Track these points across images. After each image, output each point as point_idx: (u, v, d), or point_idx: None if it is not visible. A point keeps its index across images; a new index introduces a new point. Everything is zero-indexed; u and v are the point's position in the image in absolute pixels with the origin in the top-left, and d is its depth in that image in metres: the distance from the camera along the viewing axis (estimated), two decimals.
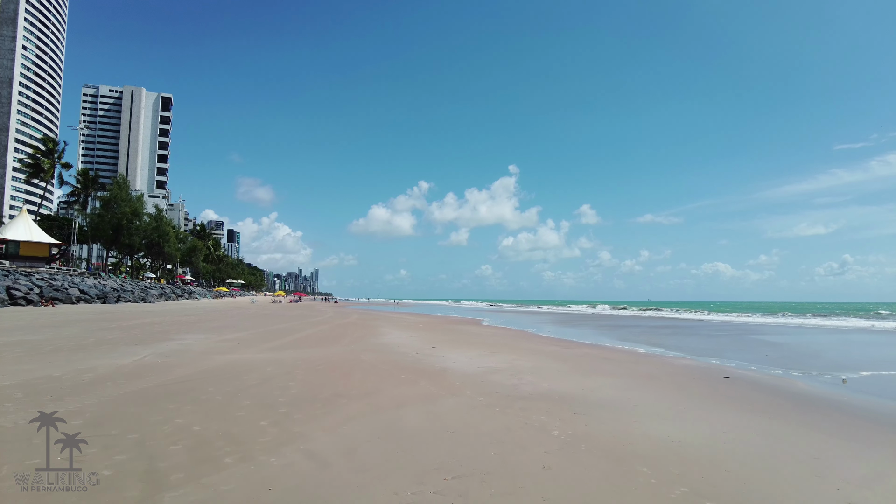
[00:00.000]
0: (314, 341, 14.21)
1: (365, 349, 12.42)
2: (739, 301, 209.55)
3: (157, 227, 59.10)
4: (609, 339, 19.91)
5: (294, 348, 12.14)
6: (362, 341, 14.64)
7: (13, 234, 38.72)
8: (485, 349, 13.33)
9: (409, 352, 12.08)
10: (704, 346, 17.53)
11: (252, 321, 22.83)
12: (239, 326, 19.03)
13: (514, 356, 11.82)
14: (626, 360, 11.98)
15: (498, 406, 6.20)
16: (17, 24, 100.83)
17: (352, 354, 11.20)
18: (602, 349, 14.98)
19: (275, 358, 10.11)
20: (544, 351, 13.53)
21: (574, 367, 10.26)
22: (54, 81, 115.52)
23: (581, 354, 13.04)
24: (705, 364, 11.90)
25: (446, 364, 9.97)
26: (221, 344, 12.57)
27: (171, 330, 16.07)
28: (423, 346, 13.51)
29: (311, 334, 16.68)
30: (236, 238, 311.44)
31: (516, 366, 10.07)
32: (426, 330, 21.21)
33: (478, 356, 11.58)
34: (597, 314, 54.67)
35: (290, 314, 33.31)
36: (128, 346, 11.13)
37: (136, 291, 47.50)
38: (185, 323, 19.59)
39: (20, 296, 28.72)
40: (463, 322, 30.74)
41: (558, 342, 17.02)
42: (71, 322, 18.37)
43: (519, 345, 15.18)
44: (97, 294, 37.66)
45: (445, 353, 11.88)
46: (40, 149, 45.77)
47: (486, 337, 18.33)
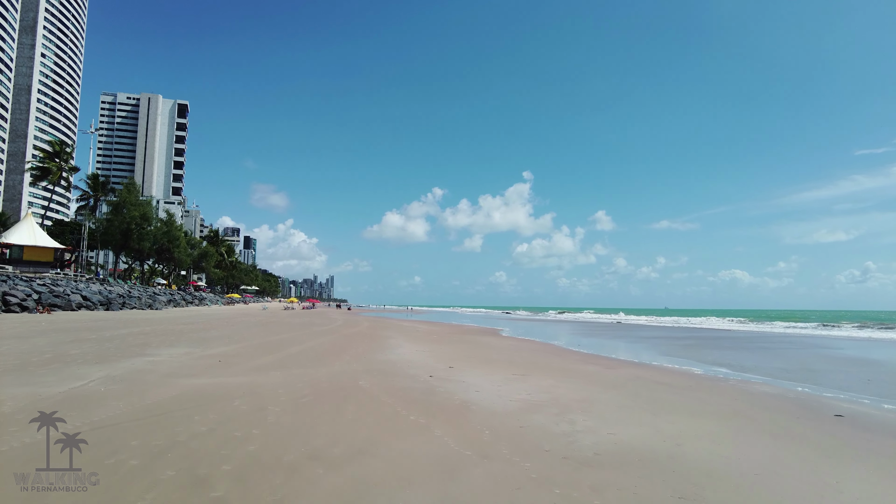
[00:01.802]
0: (311, 357, 12.16)
1: (368, 369, 10.31)
2: (759, 309, 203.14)
3: (166, 232, 58.05)
4: (649, 353, 17.51)
5: (283, 368, 10.09)
6: (366, 357, 12.55)
7: (17, 238, 37.70)
8: (511, 370, 11.12)
9: (420, 374, 9.94)
10: (770, 364, 14.96)
11: (251, 331, 20.93)
12: (234, 337, 17.11)
13: (551, 381, 9.59)
14: (690, 386, 9.67)
15: (557, 483, 4.01)
16: (37, 32, 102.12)
17: (350, 377, 9.10)
18: (650, 369, 12.64)
19: (253, 383, 8.06)
20: (583, 372, 11.27)
21: (633, 399, 8.01)
22: (72, 89, 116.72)
23: (629, 377, 10.75)
24: (792, 393, 9.51)
25: (468, 395, 7.80)
26: (199, 361, 10.59)
27: (152, 342, 14.19)
28: (437, 365, 11.36)
29: (311, 347, 14.66)
30: (252, 245, 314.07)
31: (558, 397, 7.86)
32: (441, 342, 19.05)
33: (505, 381, 9.39)
34: (618, 323, 51.91)
35: (297, 322, 31.46)
36: (82, 366, 9.19)
37: (144, 298, 46.25)
38: (175, 333, 17.75)
39: (15, 302, 27.34)
40: (480, 332, 28.51)
41: (594, 359, 14.71)
42: (52, 331, 16.67)
43: (550, 363, 12.92)
44: (100, 301, 36.33)
45: (465, 377, 9.71)
46: (47, 151, 44.91)
47: (508, 351, 16.11)
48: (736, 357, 16.82)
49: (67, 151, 45.83)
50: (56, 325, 19.17)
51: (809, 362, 15.83)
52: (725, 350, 20.03)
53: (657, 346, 21.13)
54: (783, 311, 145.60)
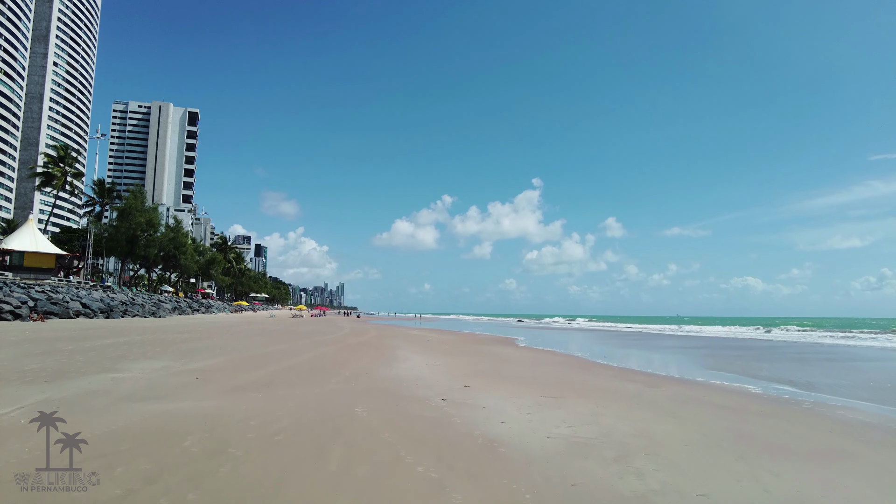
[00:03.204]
0: (304, 373, 10.53)
1: (368, 389, 8.65)
2: (774, 316, 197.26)
3: (173, 239, 57.09)
4: (688, 367, 15.63)
5: (268, 387, 8.47)
6: (369, 372, 10.89)
7: (18, 244, 36.73)
8: (539, 389, 9.39)
9: (431, 395, 8.25)
10: (835, 380, 12.93)
11: (248, 340, 19.41)
12: (226, 348, 15.58)
13: (591, 405, 7.85)
14: (762, 412, 7.86)
15: None
16: (49, 40, 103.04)
17: (346, 400, 7.45)
18: (700, 387, 10.82)
19: (222, 410, 6.45)
20: (624, 393, 9.49)
21: (701, 432, 6.25)
22: (84, 97, 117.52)
23: (681, 399, 8.97)
24: (892, 422, 7.67)
25: (492, 427, 6.10)
26: (173, 379, 9.03)
27: (132, 354, 12.68)
28: (451, 383, 9.66)
29: (308, 360, 13.05)
30: (263, 253, 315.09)
31: (608, 431, 6.13)
32: (453, 353, 17.34)
33: (536, 406, 7.67)
34: (637, 332, 49.72)
35: (301, 330, 29.95)
36: (25, 386, 7.66)
37: (148, 305, 45.13)
38: (164, 343, 16.26)
39: (8, 310, 26.18)
40: (493, 341, 26.71)
41: (628, 375, 12.91)
42: (29, 340, 15.31)
43: (582, 381, 11.15)
44: (100, 308, 35.16)
45: (486, 399, 8.00)
46: (52, 156, 44.15)
47: (529, 365, 14.36)
48: (790, 371, 14.84)
49: (72, 156, 45.04)
50: (40, 335, 17.82)
51: (877, 377, 13.84)
52: (774, 363, 18.01)
53: (692, 358, 19.21)
54: (799, 318, 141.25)
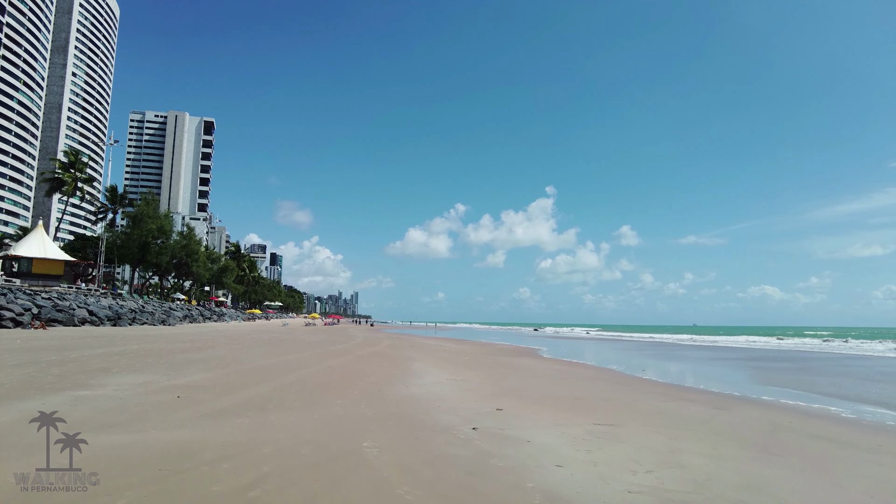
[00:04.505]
0: (306, 391, 9.02)
1: (380, 415, 7.10)
2: (794, 326, 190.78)
3: (185, 246, 56.47)
4: (743, 382, 13.75)
5: (259, 410, 6.98)
6: (381, 391, 9.34)
7: (26, 250, 36.12)
8: (587, 414, 7.74)
9: (458, 422, 6.66)
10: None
11: (253, 351, 18.01)
12: (225, 359, 14.18)
13: (660, 436, 6.18)
14: (878, 448, 6.12)
15: None
16: (68, 51, 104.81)
17: (351, 431, 5.91)
18: (780, 411, 9.03)
19: (192, 447, 4.94)
20: (692, 418, 7.78)
21: (830, 483, 4.56)
22: (102, 107, 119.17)
23: (767, 427, 7.24)
24: None
25: (548, 476, 4.48)
26: (149, 398, 7.59)
27: (117, 366, 11.32)
28: (479, 406, 8.06)
29: (313, 375, 11.55)
30: (279, 261, 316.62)
31: (705, 479, 4.46)
32: (474, 366, 15.72)
33: (592, 438, 6.03)
34: (658, 342, 47.45)
35: (311, 340, 28.55)
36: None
37: (158, 313, 44.28)
38: (158, 354, 14.92)
39: (9, 317, 25.28)
40: (515, 352, 24.99)
41: (683, 392, 11.15)
42: (14, 350, 14.12)
43: (635, 402, 9.43)
44: (108, 316, 34.26)
45: (527, 429, 6.39)
46: (62, 162, 43.76)
47: (564, 380, 12.69)
48: (861, 388, 12.92)
49: (83, 161, 44.66)
50: (32, 343, 16.66)
51: None
52: (837, 378, 16.00)
53: (736, 371, 17.28)
54: (821, 327, 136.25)
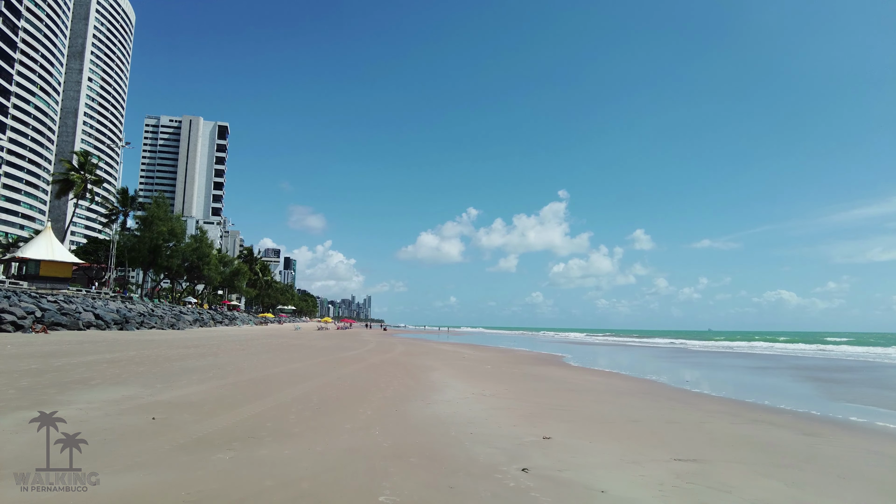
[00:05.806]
0: (309, 410, 7.57)
1: (398, 446, 5.61)
2: (813, 331, 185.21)
3: (196, 249, 55.77)
4: (812, 397, 11.98)
5: (248, 441, 5.55)
6: (398, 411, 7.84)
7: (34, 252, 35.50)
8: (658, 445, 6.17)
9: (500, 460, 5.14)
10: None
11: (258, 358, 16.68)
12: (225, 368, 12.84)
13: (768, 479, 4.59)
14: None
15: None
16: (85, 57, 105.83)
17: (361, 478, 4.43)
18: (881, 438, 7.36)
19: (148, 500, 3.53)
20: (787, 449, 6.15)
21: None
22: (117, 112, 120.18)
23: (888, 462, 5.61)
24: None
25: None
26: (120, 419, 6.24)
27: (100, 376, 10.02)
28: (519, 432, 6.53)
29: (319, 388, 10.11)
30: (292, 266, 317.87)
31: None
32: (500, 377, 14.17)
33: (684, 486, 4.46)
34: (681, 347, 45.35)
35: (322, 345, 27.22)
36: None
37: (167, 317, 43.48)
38: (154, 360, 13.65)
39: (10, 320, 24.39)
40: (539, 360, 23.36)
41: (753, 412, 9.47)
42: (3, 356, 12.94)
43: (704, 426, 7.79)
44: (115, 320, 33.38)
45: (595, 472, 4.84)
46: (71, 163, 43.25)
47: (607, 396, 11.08)
48: None
49: (92, 163, 44.11)
50: (21, 350, 15.55)
51: None
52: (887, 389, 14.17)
53: (792, 383, 15.46)
54: (842, 332, 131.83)
